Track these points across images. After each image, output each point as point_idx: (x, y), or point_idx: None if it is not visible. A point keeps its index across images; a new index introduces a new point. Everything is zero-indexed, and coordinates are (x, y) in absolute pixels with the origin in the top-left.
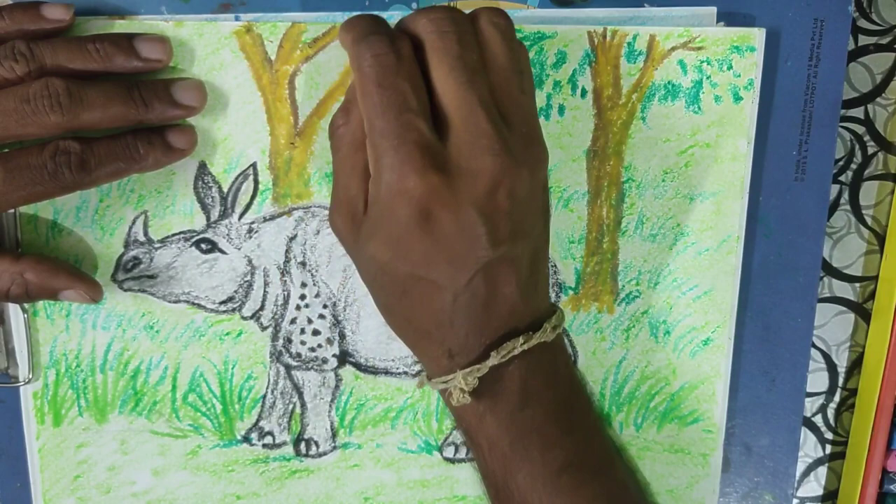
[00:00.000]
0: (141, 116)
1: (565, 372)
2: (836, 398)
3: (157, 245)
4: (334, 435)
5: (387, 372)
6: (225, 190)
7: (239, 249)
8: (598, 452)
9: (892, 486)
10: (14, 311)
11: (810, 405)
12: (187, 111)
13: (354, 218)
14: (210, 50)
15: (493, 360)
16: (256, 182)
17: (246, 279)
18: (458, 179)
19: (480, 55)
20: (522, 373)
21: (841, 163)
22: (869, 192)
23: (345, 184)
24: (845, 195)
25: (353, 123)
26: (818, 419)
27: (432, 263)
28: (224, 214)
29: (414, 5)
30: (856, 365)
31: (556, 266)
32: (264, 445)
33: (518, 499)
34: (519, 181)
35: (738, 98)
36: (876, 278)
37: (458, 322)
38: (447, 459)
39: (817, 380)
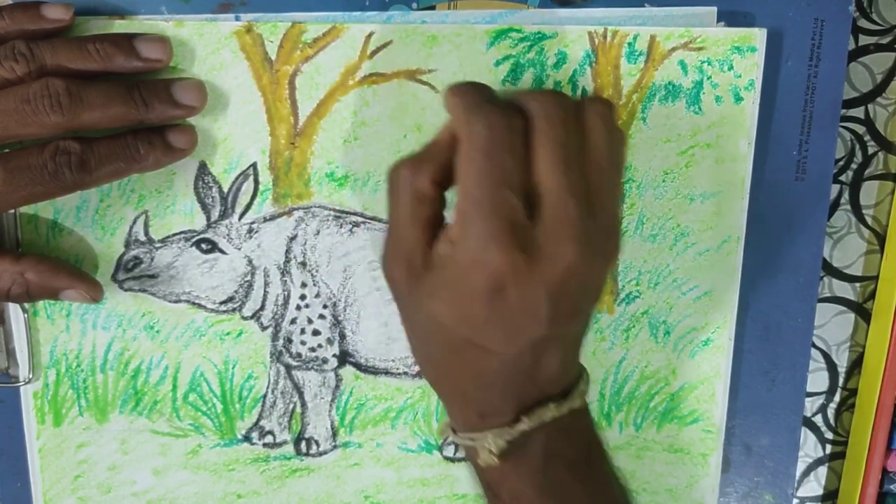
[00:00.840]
0: (141, 116)
1: (584, 432)
2: (837, 398)
3: (157, 245)
4: (335, 434)
5: (387, 372)
6: (225, 190)
7: (239, 249)
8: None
9: (892, 486)
10: (14, 311)
11: (810, 405)
12: (187, 111)
13: (412, 270)
14: (210, 50)
15: (524, 425)
16: (257, 182)
17: (246, 279)
18: (538, 261)
19: (582, 143)
20: (546, 434)
21: (841, 163)
22: (869, 192)
23: (404, 234)
24: (845, 195)
25: (422, 176)
26: (818, 419)
27: (490, 332)
28: (224, 214)
29: (414, 5)
30: (856, 365)
31: None
32: (265, 445)
33: None
34: (592, 271)
35: (738, 98)
36: (876, 278)
37: (497, 387)
38: (447, 458)
39: (817, 380)
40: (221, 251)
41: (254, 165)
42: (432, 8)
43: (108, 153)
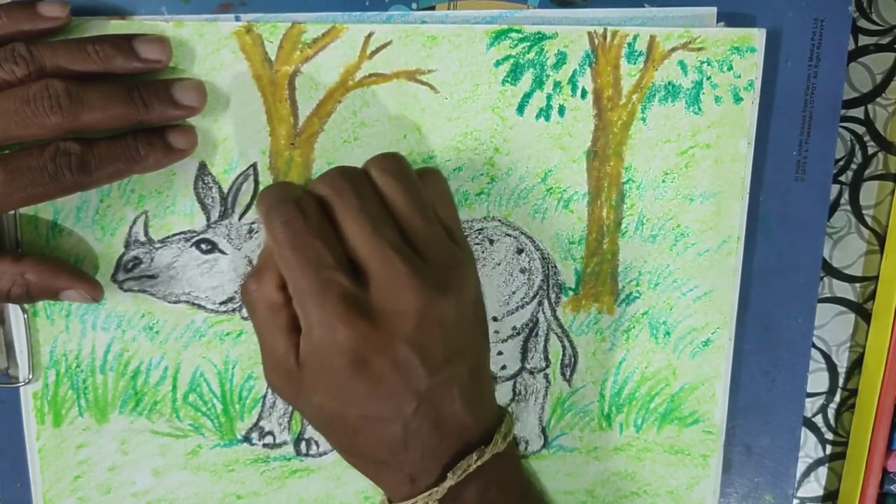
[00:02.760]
0: (141, 117)
1: (515, 478)
2: (837, 398)
3: (157, 245)
4: None
5: None
6: (225, 190)
7: (239, 250)
8: None
9: (892, 487)
10: (14, 312)
11: (810, 405)
12: (187, 111)
13: (290, 375)
14: (210, 50)
15: (450, 480)
16: (257, 182)
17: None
18: (386, 322)
19: (380, 202)
20: (477, 485)
21: (841, 163)
22: (869, 192)
23: (271, 346)
24: (845, 195)
25: (266, 286)
26: (818, 419)
27: (376, 402)
28: (224, 215)
29: (414, 5)
30: (856, 365)
31: (556, 267)
32: (265, 445)
33: None
34: (445, 310)
35: (738, 99)
36: (876, 278)
37: (413, 447)
38: None
39: (817, 380)
40: (221, 251)
41: (254, 166)
42: (432, 8)
43: (109, 154)
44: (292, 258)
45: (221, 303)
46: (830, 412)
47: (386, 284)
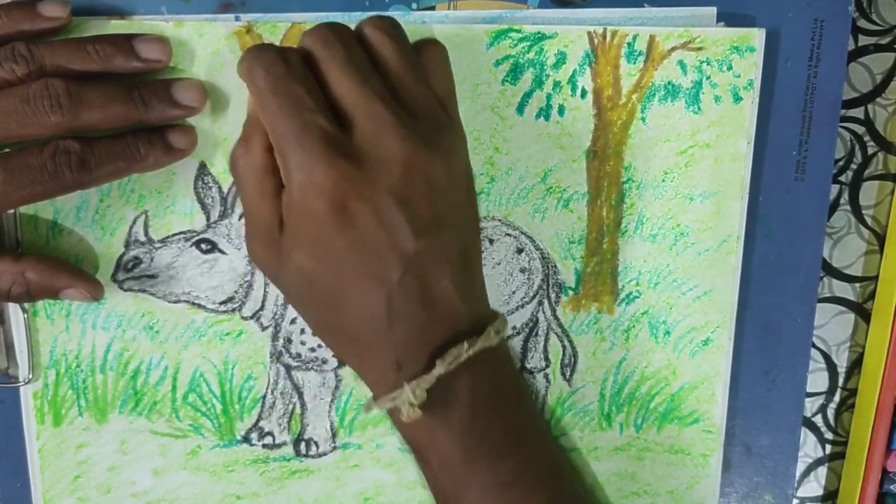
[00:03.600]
0: (141, 116)
1: (512, 378)
2: (836, 398)
3: (157, 245)
4: (334, 435)
5: None
6: (225, 190)
7: (239, 250)
8: (547, 460)
9: (892, 487)
10: (14, 311)
11: (810, 405)
12: (187, 111)
13: (273, 240)
14: (210, 50)
15: (440, 368)
16: None
17: (246, 279)
18: (369, 167)
19: (369, 58)
20: (470, 382)
21: (841, 163)
22: (869, 192)
23: (256, 210)
24: (845, 195)
25: (255, 150)
26: (818, 419)
27: (357, 259)
28: (224, 215)
29: (414, 5)
30: (856, 365)
31: (556, 266)
32: (264, 446)
33: None
34: (433, 166)
35: (738, 98)
36: (876, 278)
37: (398, 325)
38: None
39: (817, 380)
40: (221, 251)
41: None
42: (432, 8)
43: (108, 153)
44: (273, 103)
45: (221, 303)
46: (830, 412)
47: (370, 130)
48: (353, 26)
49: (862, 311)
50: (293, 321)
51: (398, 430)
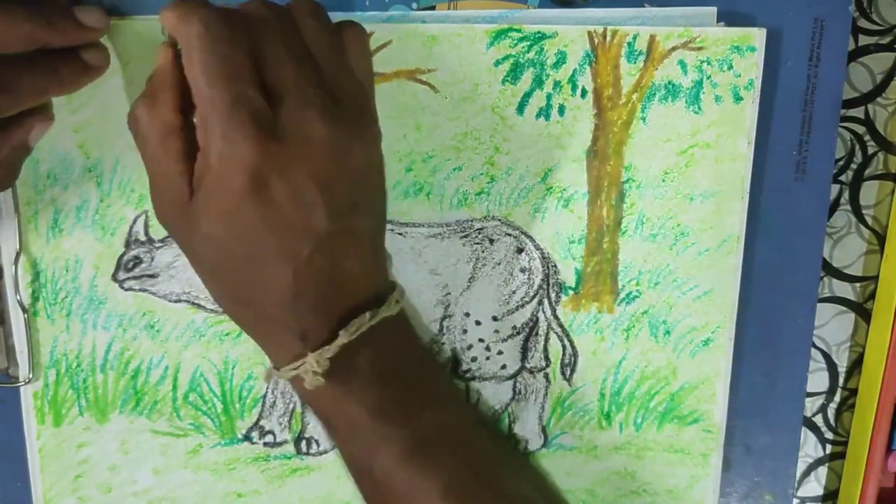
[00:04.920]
0: (46, 36)
1: (413, 345)
2: (837, 398)
3: (157, 244)
4: None
5: None
6: None
7: None
8: (455, 422)
9: None
10: (14, 311)
11: (810, 405)
12: (90, 33)
13: (181, 203)
14: None
15: (343, 338)
16: None
17: None
18: (293, 146)
19: (302, 40)
20: (373, 350)
21: (841, 163)
22: (869, 192)
23: (162, 171)
24: (845, 195)
25: (163, 107)
26: (818, 419)
27: (269, 235)
28: None
29: (414, 5)
30: (856, 365)
31: (556, 266)
32: (265, 444)
33: (380, 479)
34: (353, 153)
35: (738, 98)
36: (876, 278)
37: (303, 300)
38: None
39: (817, 380)
40: None
41: None
42: (432, 8)
43: (27, 71)
44: (208, 61)
45: None
46: (830, 412)
47: (297, 111)
48: None
49: (862, 311)
50: None
51: (304, 400)
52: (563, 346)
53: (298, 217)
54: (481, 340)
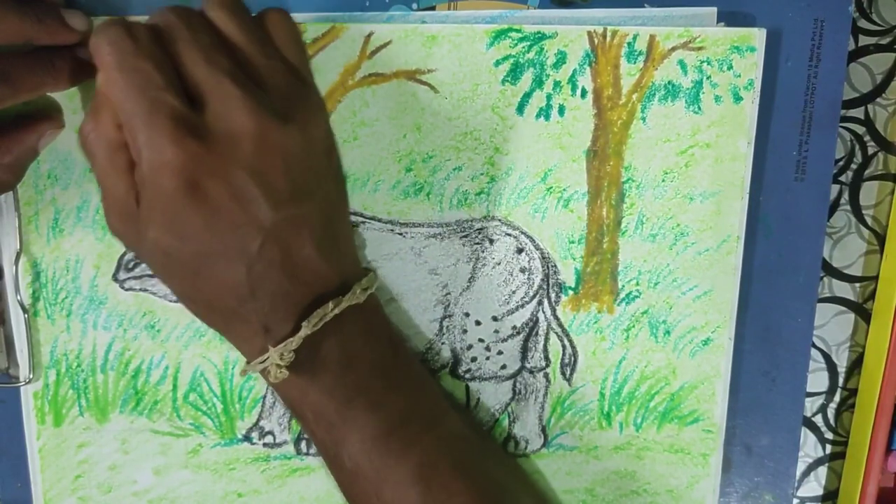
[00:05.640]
0: (34, 32)
1: (383, 332)
2: (837, 398)
3: None
4: None
5: None
6: None
7: None
8: (426, 407)
9: None
10: (14, 311)
11: (810, 405)
12: (75, 35)
13: (130, 215)
14: None
15: (306, 330)
16: None
17: None
18: (220, 144)
19: (214, 35)
20: (339, 339)
21: (841, 163)
22: (869, 193)
23: (111, 185)
24: (845, 195)
25: (104, 125)
26: (818, 419)
27: (214, 235)
28: None
29: (414, 5)
30: (856, 365)
31: (556, 266)
32: (265, 444)
33: (351, 467)
34: (287, 137)
35: (738, 98)
36: (876, 278)
37: (261, 293)
38: None
39: (817, 380)
40: None
41: None
42: (432, 8)
43: (26, 65)
44: (120, 80)
45: None
46: (830, 412)
47: (219, 108)
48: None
49: (862, 311)
50: None
51: (275, 392)
52: (563, 346)
53: (239, 212)
54: (481, 340)
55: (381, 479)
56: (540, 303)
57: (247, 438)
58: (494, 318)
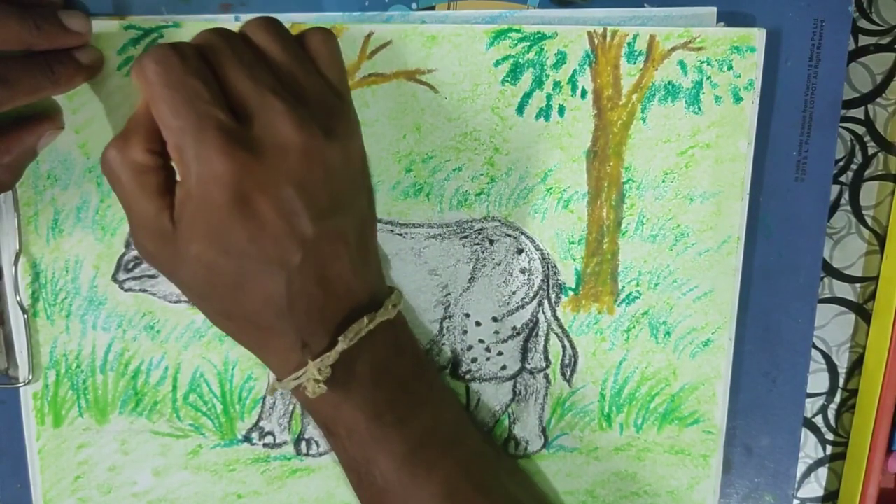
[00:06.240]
0: (33, 39)
1: (410, 347)
2: (837, 399)
3: None
4: None
5: None
6: None
7: None
8: (451, 423)
9: None
10: (14, 312)
11: (811, 406)
12: (76, 37)
13: (164, 236)
14: None
15: (343, 344)
16: None
17: None
18: (268, 157)
19: (257, 55)
20: (371, 355)
21: (841, 163)
22: (869, 193)
23: (141, 208)
24: (845, 195)
25: (132, 148)
26: (819, 420)
27: (258, 248)
28: None
29: (413, 5)
30: (856, 366)
31: (556, 267)
32: (265, 445)
33: (381, 482)
34: (329, 152)
35: (738, 98)
36: (876, 279)
37: (298, 306)
38: None
39: (818, 380)
40: None
41: None
42: (432, 8)
43: (25, 68)
44: (167, 96)
45: None
46: (830, 412)
47: (266, 122)
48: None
49: (862, 312)
50: None
51: (305, 409)
52: (564, 347)
53: (283, 225)
54: (481, 341)
55: (409, 496)
56: (540, 303)
57: (247, 439)
58: (494, 319)
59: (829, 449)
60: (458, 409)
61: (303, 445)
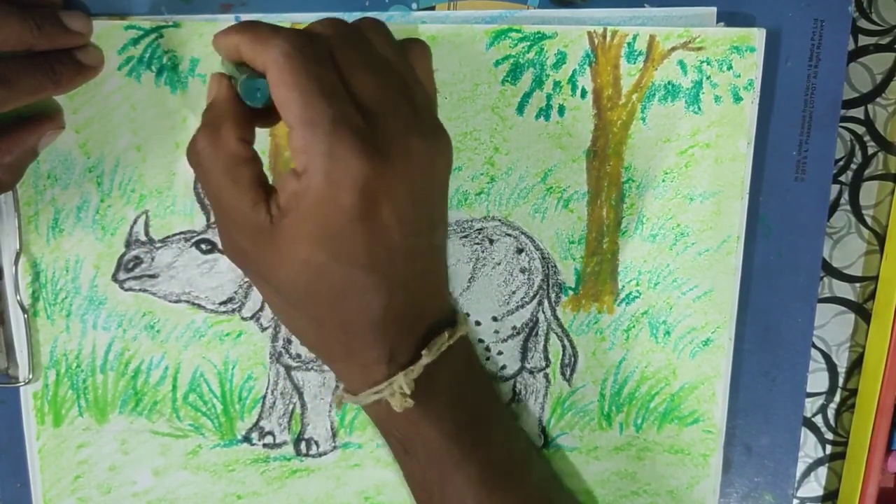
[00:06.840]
0: (34, 39)
1: (479, 366)
2: (837, 398)
3: (157, 245)
4: (334, 435)
5: None
6: None
7: None
8: (522, 448)
9: None
10: (14, 311)
11: (810, 405)
12: (76, 38)
13: (261, 231)
14: (210, 50)
15: (427, 357)
16: None
17: (245, 280)
18: (397, 164)
19: (376, 56)
20: (449, 370)
21: (841, 163)
22: (869, 193)
23: (235, 202)
24: (845, 195)
25: (225, 138)
26: (818, 419)
27: (370, 256)
28: None
29: (414, 6)
30: (856, 365)
31: (556, 266)
32: (265, 445)
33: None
34: (441, 168)
35: (738, 98)
36: (876, 278)
37: (391, 318)
38: None
39: (817, 380)
40: (221, 252)
41: None
42: (432, 8)
43: (25, 68)
44: (304, 84)
45: (221, 303)
46: (830, 412)
47: (395, 127)
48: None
49: (862, 312)
50: None
51: (379, 426)
52: (563, 347)
53: (397, 234)
54: (481, 341)
55: None
56: (540, 303)
57: (246, 439)
58: (494, 319)
59: (828, 448)
60: (525, 433)
61: (302, 446)
